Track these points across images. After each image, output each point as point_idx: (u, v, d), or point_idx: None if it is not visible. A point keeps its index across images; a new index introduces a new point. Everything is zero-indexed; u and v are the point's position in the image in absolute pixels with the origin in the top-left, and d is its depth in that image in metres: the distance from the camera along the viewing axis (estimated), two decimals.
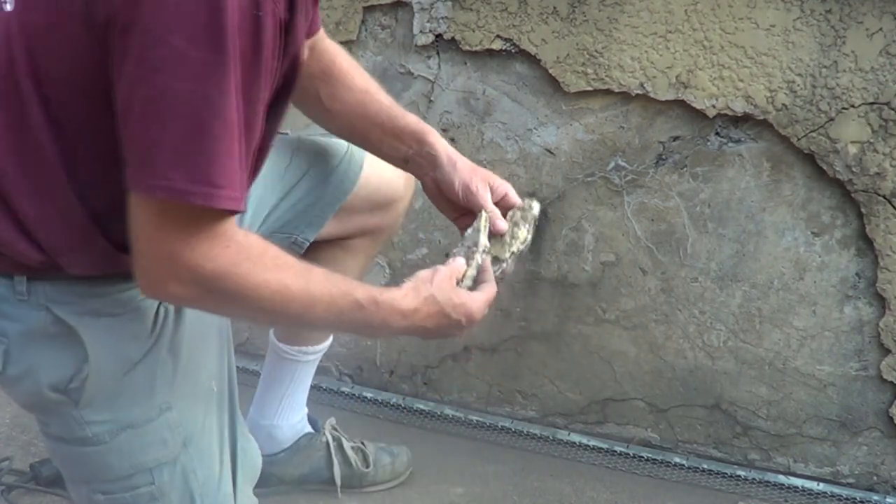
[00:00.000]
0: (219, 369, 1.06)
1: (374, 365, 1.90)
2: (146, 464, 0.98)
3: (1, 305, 0.93)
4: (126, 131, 0.80)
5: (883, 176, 1.46)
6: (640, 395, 1.71)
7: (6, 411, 1.71)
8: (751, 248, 1.57)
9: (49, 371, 0.93)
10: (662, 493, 1.57)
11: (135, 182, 0.80)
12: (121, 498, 0.99)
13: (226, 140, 0.78)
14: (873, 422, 1.57)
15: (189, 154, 0.78)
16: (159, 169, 0.78)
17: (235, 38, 0.76)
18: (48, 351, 0.93)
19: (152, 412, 0.98)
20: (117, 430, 0.96)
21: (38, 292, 0.92)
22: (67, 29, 0.81)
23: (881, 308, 1.52)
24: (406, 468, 1.58)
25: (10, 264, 0.91)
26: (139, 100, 0.78)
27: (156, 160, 0.78)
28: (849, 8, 1.42)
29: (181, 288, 0.84)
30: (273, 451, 1.49)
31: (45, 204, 0.88)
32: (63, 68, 0.83)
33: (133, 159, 0.80)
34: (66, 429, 0.97)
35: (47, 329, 0.93)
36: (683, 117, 1.56)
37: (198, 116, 0.77)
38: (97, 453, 0.97)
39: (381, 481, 1.55)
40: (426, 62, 1.69)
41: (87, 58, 0.81)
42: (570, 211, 1.67)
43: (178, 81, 0.76)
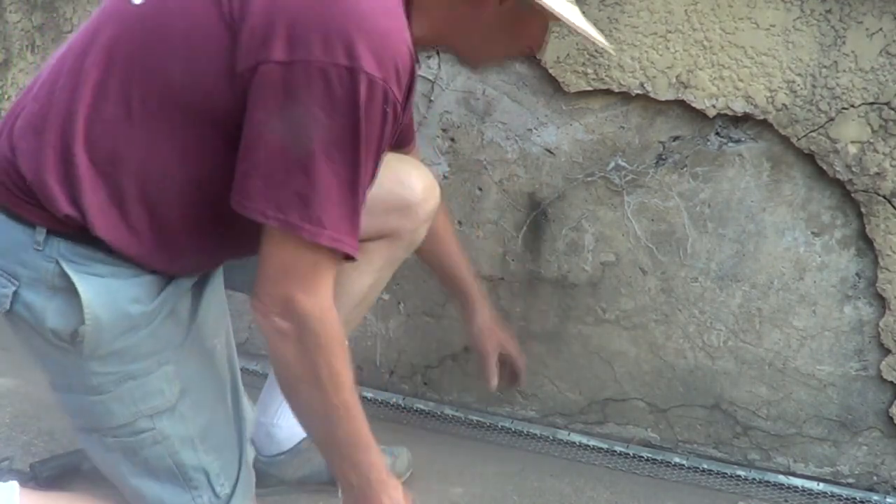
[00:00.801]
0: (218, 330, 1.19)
1: (374, 365, 1.90)
2: (145, 411, 1.09)
3: (19, 252, 1.04)
4: (252, 164, 0.95)
5: (883, 176, 1.46)
6: (640, 395, 1.71)
7: (6, 411, 1.71)
8: (751, 248, 1.57)
9: (52, 317, 1.03)
10: (662, 493, 1.57)
11: (250, 206, 0.96)
12: (126, 442, 1.11)
13: (340, 195, 0.95)
14: (873, 422, 1.57)
15: (304, 199, 0.94)
16: (281, 204, 0.94)
17: (366, 123, 0.93)
18: (52, 301, 1.04)
19: (152, 366, 1.08)
20: (120, 381, 1.07)
21: (52, 246, 1.03)
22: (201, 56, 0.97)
23: (881, 308, 1.52)
24: (406, 469, 1.58)
25: (37, 214, 1.02)
26: (270, 145, 0.93)
27: (276, 197, 0.94)
28: (849, 8, 1.42)
29: (281, 323, 1.00)
30: (272, 453, 1.49)
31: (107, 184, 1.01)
32: (179, 76, 0.97)
33: (256, 188, 0.95)
34: (72, 377, 1.08)
35: (53, 281, 1.03)
36: (683, 117, 1.56)
37: (320, 175, 0.94)
38: (101, 402, 1.08)
39: None
40: (426, 62, 1.69)
41: (213, 86, 0.96)
42: (570, 211, 1.67)
43: (310, 141, 0.93)
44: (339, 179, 0.95)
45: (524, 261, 1.73)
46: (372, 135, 0.95)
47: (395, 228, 1.38)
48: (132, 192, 1.02)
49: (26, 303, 1.04)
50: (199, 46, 0.97)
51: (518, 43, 1.16)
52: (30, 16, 2.09)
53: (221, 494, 1.17)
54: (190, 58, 0.97)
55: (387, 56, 0.93)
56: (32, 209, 1.03)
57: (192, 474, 1.15)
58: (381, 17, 0.94)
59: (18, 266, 1.04)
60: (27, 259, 1.03)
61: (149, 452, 1.11)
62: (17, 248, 1.04)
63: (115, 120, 0.99)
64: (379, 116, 0.95)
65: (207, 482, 1.16)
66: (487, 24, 1.10)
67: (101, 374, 1.07)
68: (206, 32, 0.96)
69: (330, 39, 0.91)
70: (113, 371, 1.07)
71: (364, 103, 0.92)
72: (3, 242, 1.05)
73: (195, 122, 0.99)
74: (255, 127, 0.95)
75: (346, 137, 0.94)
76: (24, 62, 2.13)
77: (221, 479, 1.17)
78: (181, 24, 0.98)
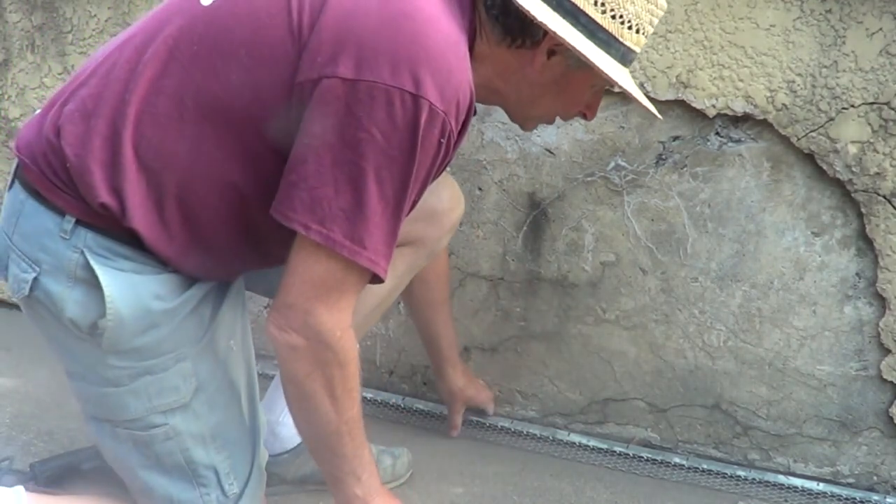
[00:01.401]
0: (236, 330, 1.18)
1: (374, 365, 1.90)
2: (159, 407, 1.10)
3: (44, 239, 1.04)
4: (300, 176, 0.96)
5: (883, 176, 1.46)
6: (640, 395, 1.71)
7: (6, 411, 1.71)
8: (751, 248, 1.57)
9: (71, 307, 1.04)
10: (662, 493, 1.57)
11: (293, 217, 0.96)
12: (139, 435, 1.11)
13: (384, 218, 0.97)
14: (873, 422, 1.57)
15: (351, 219, 0.95)
16: (325, 220, 0.95)
17: (421, 150, 0.95)
18: (72, 291, 1.04)
19: (169, 362, 1.09)
20: (136, 375, 1.08)
21: (79, 236, 1.03)
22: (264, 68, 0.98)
23: (881, 308, 1.52)
24: (407, 470, 1.58)
25: (69, 202, 1.03)
26: (322, 159, 0.94)
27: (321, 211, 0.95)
28: (849, 8, 1.42)
29: (297, 339, 1.01)
30: (276, 452, 1.49)
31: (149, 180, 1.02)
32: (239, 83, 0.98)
33: (301, 199, 0.96)
34: (88, 368, 1.09)
35: (76, 272, 1.04)
36: (683, 117, 1.56)
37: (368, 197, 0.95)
38: (116, 394, 1.09)
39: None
40: None
41: (269, 94, 0.97)
42: (570, 211, 1.67)
43: (364, 161, 0.93)
44: (386, 203, 0.96)
45: (524, 261, 1.73)
46: (424, 163, 0.97)
47: (421, 236, 1.40)
48: (172, 189, 1.02)
49: (46, 290, 1.05)
50: (263, 54, 0.97)
51: (567, 102, 1.16)
52: (30, 16, 2.09)
53: (230, 493, 1.18)
54: (252, 65, 0.97)
55: (450, 90, 0.95)
56: (65, 196, 1.03)
57: (202, 471, 1.15)
58: (449, 53, 0.96)
59: (41, 252, 1.04)
60: (51, 246, 1.04)
61: (160, 448, 1.12)
62: (43, 234, 1.04)
63: (166, 117, 1.00)
64: (434, 146, 0.96)
65: (217, 480, 1.16)
66: (535, 78, 1.10)
67: (118, 368, 1.07)
68: (272, 41, 0.97)
69: (399, 65, 0.92)
70: (130, 365, 1.07)
71: (423, 131, 0.94)
72: (29, 227, 1.05)
73: (246, 128, 0.99)
74: (310, 139, 0.95)
75: (399, 162, 0.95)
76: (24, 62, 2.13)
77: (231, 478, 1.18)
78: (248, 30, 0.98)
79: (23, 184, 1.07)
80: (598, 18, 1.04)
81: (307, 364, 1.03)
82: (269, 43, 0.97)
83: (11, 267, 1.08)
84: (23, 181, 1.07)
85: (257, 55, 0.97)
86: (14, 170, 1.10)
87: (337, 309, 1.01)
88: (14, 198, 1.08)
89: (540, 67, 1.08)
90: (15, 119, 2.18)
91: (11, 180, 1.10)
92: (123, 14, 1.97)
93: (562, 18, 1.03)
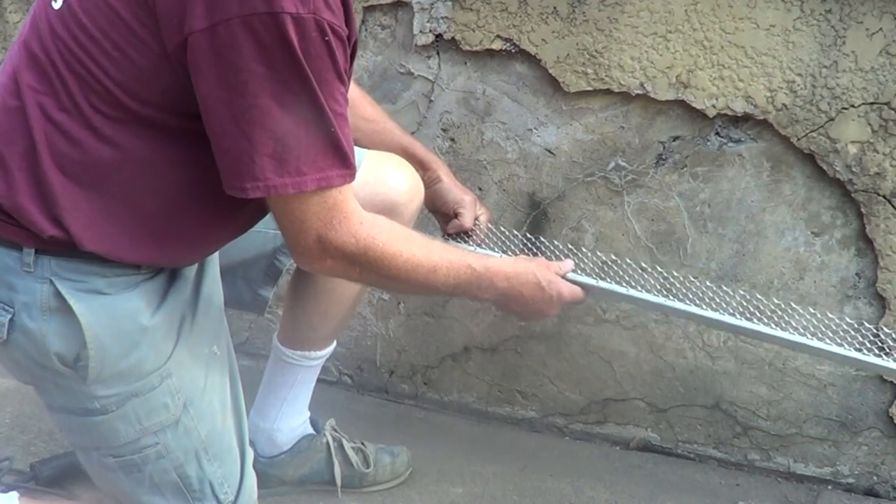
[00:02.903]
0: (217, 335, 1.15)
1: (374, 365, 1.90)
2: (151, 428, 1.07)
3: (7, 276, 0.99)
4: (217, 143, 0.93)
5: (883, 176, 1.46)
6: (640, 395, 1.71)
7: (6, 411, 1.71)
8: (751, 248, 1.57)
9: (56, 340, 1.00)
10: (662, 494, 1.57)
11: (232, 185, 0.94)
12: (129, 460, 1.08)
13: (309, 135, 0.92)
14: (873, 422, 1.57)
15: (278, 157, 0.92)
16: (255, 173, 0.92)
17: (308, 60, 0.89)
18: (50, 323, 1.00)
19: (154, 380, 1.06)
20: (123, 400, 1.04)
21: (43, 265, 0.99)
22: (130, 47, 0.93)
23: (881, 308, 1.52)
24: (406, 468, 1.58)
25: (22, 235, 0.98)
26: (221, 117, 0.91)
27: (250, 167, 0.91)
28: (849, 8, 1.42)
29: (333, 263, 1.01)
30: (273, 454, 1.49)
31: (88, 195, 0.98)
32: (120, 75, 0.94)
33: (229, 166, 0.93)
34: (72, 401, 1.05)
35: (49, 302, 0.99)
36: (683, 117, 1.56)
37: (282, 128, 0.91)
38: (105, 422, 1.05)
39: (381, 481, 1.54)
40: (426, 62, 1.69)
41: (154, 74, 0.94)
42: (570, 211, 1.67)
43: (259, 98, 0.89)
44: (302, 121, 0.92)
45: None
46: (321, 69, 0.91)
47: None
48: (114, 194, 0.99)
49: (24, 329, 1.00)
50: (126, 37, 0.93)
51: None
52: None
53: (225, 501, 1.16)
54: (121, 52, 0.94)
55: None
56: (15, 229, 0.98)
57: (197, 486, 1.13)
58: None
59: (9, 292, 1.00)
60: (17, 283, 0.99)
61: (153, 468, 1.09)
62: (7, 272, 1.00)
63: (74, 130, 0.96)
64: (321, 48, 0.91)
65: (212, 492, 1.14)
66: None
67: (104, 398, 1.04)
68: (126, 22, 0.93)
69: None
70: (116, 392, 1.04)
71: (298, 43, 0.88)
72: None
73: (153, 113, 0.96)
74: (203, 103, 0.92)
75: (293, 82, 0.90)
76: None
77: (225, 487, 1.15)
78: (101, 20, 0.94)
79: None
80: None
81: (356, 272, 1.04)
82: (126, 25, 0.93)
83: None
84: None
85: (122, 40, 0.93)
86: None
87: (337, 225, 0.98)
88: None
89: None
90: None
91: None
92: None
93: None
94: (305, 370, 1.49)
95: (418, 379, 1.87)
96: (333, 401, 1.81)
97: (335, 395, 1.85)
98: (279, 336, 1.49)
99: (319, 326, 1.45)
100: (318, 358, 1.49)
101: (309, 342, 1.47)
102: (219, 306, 1.19)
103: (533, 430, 1.77)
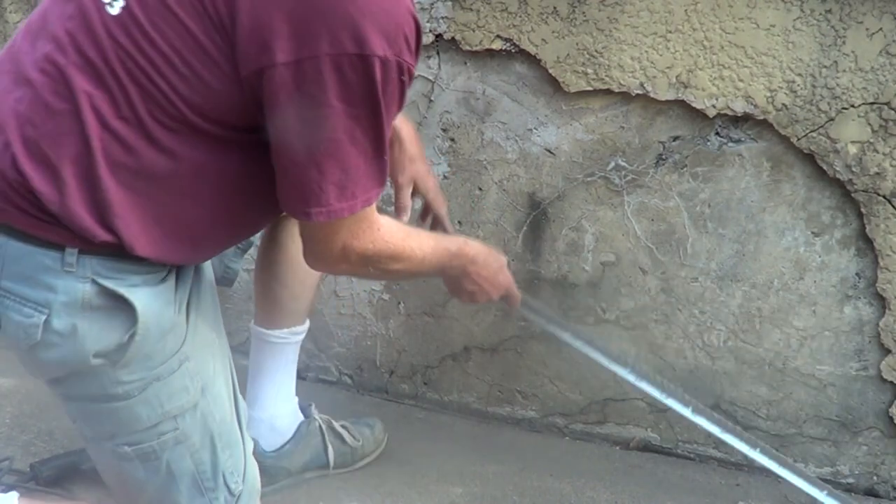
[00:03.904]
0: (216, 318, 1.18)
1: (374, 365, 1.90)
2: (171, 412, 1.07)
3: (45, 277, 0.98)
4: (284, 168, 0.98)
5: (883, 176, 1.46)
6: (640, 395, 1.71)
7: (6, 411, 1.71)
8: (751, 248, 1.57)
9: (96, 339, 1.00)
10: (662, 493, 1.57)
11: (295, 208, 1.00)
12: (147, 447, 1.08)
13: (368, 166, 0.98)
14: (873, 422, 1.57)
15: (341, 185, 0.97)
16: (321, 200, 0.97)
17: (384, 98, 0.94)
18: (92, 322, 0.99)
19: (174, 364, 1.07)
20: (146, 385, 1.05)
21: (85, 265, 0.98)
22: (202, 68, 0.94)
23: (881, 308, 1.52)
24: (383, 435, 1.62)
25: (66, 236, 0.97)
26: (295, 148, 0.95)
27: (317, 194, 0.97)
28: (849, 8, 1.42)
29: (349, 266, 1.08)
30: (278, 445, 1.50)
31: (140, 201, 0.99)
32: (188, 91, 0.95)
33: (295, 191, 0.98)
34: (95, 388, 1.04)
35: (91, 301, 0.99)
36: (683, 117, 1.56)
37: (350, 159, 0.96)
38: (126, 407, 1.05)
39: (368, 453, 1.59)
40: (426, 62, 1.69)
41: (222, 94, 0.95)
42: (570, 211, 1.67)
43: (335, 133, 0.94)
44: (366, 154, 0.97)
45: (524, 261, 1.73)
46: (391, 104, 0.96)
47: None
48: (163, 201, 0.99)
49: (59, 329, 0.99)
50: (198, 56, 0.93)
51: None
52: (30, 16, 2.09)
53: (236, 492, 1.17)
54: (192, 70, 0.94)
55: (393, 29, 0.92)
56: (59, 230, 0.97)
57: (210, 475, 1.13)
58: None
59: (47, 292, 0.98)
60: (57, 283, 0.98)
61: (170, 454, 1.09)
62: (43, 272, 0.98)
63: (131, 138, 0.96)
64: (396, 87, 0.95)
65: (224, 482, 1.15)
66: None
67: (128, 383, 1.04)
68: (199, 42, 0.93)
69: (334, 30, 0.89)
70: (140, 377, 1.04)
71: (381, 83, 0.92)
72: (22, 269, 0.98)
73: (213, 126, 0.97)
74: (278, 130, 0.95)
75: (368, 119, 0.94)
76: None
77: (235, 476, 1.17)
78: (172, 35, 0.93)
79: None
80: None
81: (373, 271, 1.12)
82: (200, 45, 0.93)
83: (9, 315, 0.99)
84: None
85: (194, 61, 0.93)
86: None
87: (361, 235, 1.05)
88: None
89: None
90: None
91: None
92: None
93: None
94: (292, 348, 1.51)
95: (418, 379, 1.87)
96: (333, 401, 1.81)
97: (335, 395, 1.85)
98: (258, 321, 1.50)
99: (300, 295, 1.48)
100: (300, 333, 1.52)
101: (291, 316, 1.49)
102: (213, 286, 1.20)
103: (533, 430, 1.77)
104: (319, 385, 1.60)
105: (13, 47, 1.04)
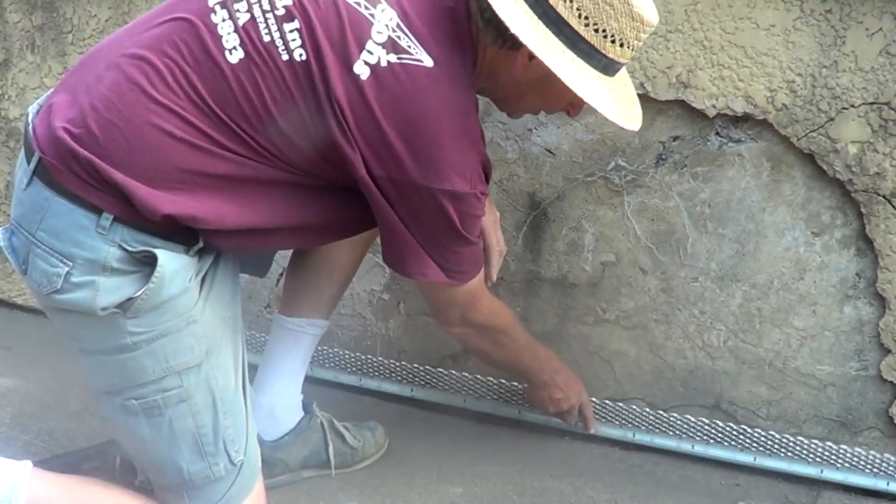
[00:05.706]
0: (233, 301, 1.25)
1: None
2: (176, 367, 1.14)
3: (79, 234, 1.08)
4: (386, 236, 1.23)
5: (883, 176, 1.46)
6: (640, 395, 1.71)
7: (6, 411, 1.71)
8: (751, 248, 1.58)
9: (106, 295, 1.09)
10: (662, 493, 1.57)
11: (397, 267, 1.26)
12: (152, 401, 1.15)
13: (471, 254, 1.28)
14: (873, 422, 1.57)
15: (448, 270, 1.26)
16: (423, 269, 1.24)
17: (469, 220, 1.22)
18: (109, 280, 1.09)
19: (181, 323, 1.14)
20: (153, 338, 1.12)
21: (116, 231, 1.09)
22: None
23: (881, 308, 1.52)
24: (384, 439, 1.63)
25: (110, 202, 1.08)
26: (416, 236, 1.21)
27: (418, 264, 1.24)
28: (849, 8, 1.42)
29: (462, 330, 1.40)
30: (277, 435, 1.50)
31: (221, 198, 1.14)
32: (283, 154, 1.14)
33: (397, 254, 1.24)
34: (105, 339, 1.13)
35: (111, 263, 1.09)
36: (683, 117, 1.56)
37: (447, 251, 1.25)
38: (133, 358, 1.12)
39: (369, 455, 1.59)
40: None
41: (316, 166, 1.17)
42: (570, 211, 1.67)
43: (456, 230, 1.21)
44: (469, 248, 1.25)
45: (524, 261, 1.73)
46: (474, 225, 1.24)
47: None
48: (244, 202, 1.14)
49: (78, 282, 1.08)
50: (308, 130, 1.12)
51: (549, 100, 1.28)
52: (30, 16, 2.09)
53: (236, 461, 1.20)
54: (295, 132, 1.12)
55: (479, 175, 1.19)
56: (102, 195, 1.08)
57: (212, 439, 1.18)
58: (479, 143, 1.18)
59: (75, 248, 1.08)
60: (87, 242, 1.08)
61: (173, 412, 1.15)
62: (76, 230, 1.08)
63: (221, 167, 1.11)
64: (478, 210, 1.22)
65: (224, 448, 1.19)
66: (519, 77, 1.21)
67: (137, 334, 1.11)
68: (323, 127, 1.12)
69: (462, 174, 1.15)
70: (148, 329, 1.11)
71: (473, 209, 1.20)
72: (59, 224, 1.09)
73: (302, 178, 1.16)
74: (404, 217, 1.18)
75: (456, 232, 1.21)
76: (24, 62, 2.13)
77: (236, 445, 1.20)
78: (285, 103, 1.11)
79: (46, 182, 1.09)
80: (580, 31, 1.12)
81: (484, 341, 1.44)
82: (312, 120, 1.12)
83: (37, 262, 1.10)
84: (46, 180, 1.09)
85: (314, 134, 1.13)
86: (33, 168, 1.11)
87: (478, 307, 1.35)
88: (36, 195, 1.10)
89: (522, 68, 1.19)
90: (15, 119, 2.19)
91: (29, 178, 1.11)
92: (123, 14, 1.97)
93: (545, 27, 1.12)
94: (306, 339, 1.53)
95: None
96: (334, 401, 1.81)
97: (335, 395, 1.85)
98: (281, 309, 1.55)
99: (324, 288, 1.53)
100: (318, 327, 1.54)
101: (312, 307, 1.52)
102: (235, 271, 1.27)
103: (533, 430, 1.77)
104: (319, 385, 1.60)
105: (117, 36, 1.18)
